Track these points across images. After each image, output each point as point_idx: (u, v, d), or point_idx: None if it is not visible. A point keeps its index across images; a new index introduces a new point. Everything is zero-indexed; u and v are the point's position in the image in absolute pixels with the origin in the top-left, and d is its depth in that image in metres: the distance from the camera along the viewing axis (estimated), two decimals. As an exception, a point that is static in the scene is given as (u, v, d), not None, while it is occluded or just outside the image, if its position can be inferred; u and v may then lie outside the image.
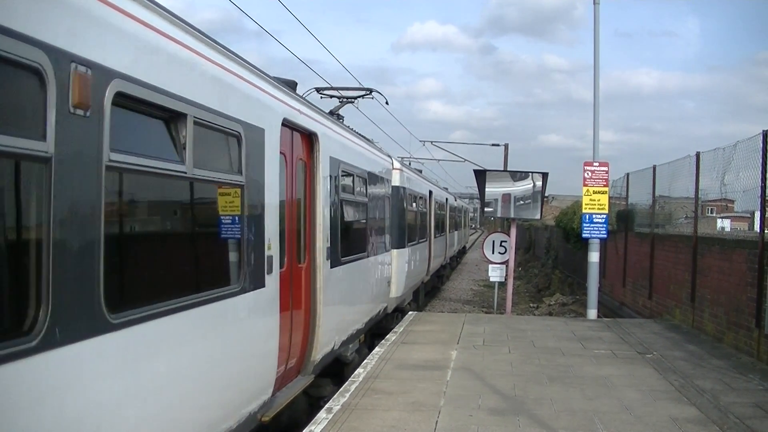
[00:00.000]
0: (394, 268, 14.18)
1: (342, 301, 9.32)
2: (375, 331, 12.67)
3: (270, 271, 6.27)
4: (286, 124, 7.05)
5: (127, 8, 3.99)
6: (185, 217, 5.22)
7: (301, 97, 7.86)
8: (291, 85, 7.84)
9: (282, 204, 6.91)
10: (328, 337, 8.43)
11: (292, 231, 7.38)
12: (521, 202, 15.70)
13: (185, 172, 4.63)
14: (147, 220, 4.70)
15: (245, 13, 11.14)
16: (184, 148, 4.61)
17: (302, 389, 7.59)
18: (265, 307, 6.24)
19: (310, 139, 8.02)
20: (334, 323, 8.81)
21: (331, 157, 8.60)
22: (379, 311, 12.65)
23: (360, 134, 11.28)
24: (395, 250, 14.37)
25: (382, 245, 12.78)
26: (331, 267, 8.54)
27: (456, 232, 34.68)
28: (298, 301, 7.56)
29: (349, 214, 10.08)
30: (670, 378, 8.86)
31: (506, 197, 15.71)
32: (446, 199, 27.57)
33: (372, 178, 11.58)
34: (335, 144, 8.98)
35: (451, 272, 34.19)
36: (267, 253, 6.22)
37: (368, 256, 11.26)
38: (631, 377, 8.92)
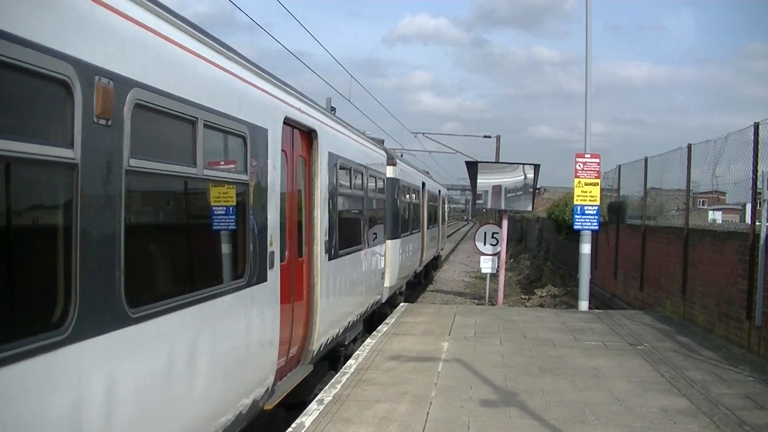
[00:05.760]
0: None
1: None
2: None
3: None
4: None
5: None
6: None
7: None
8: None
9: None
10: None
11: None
12: (513, 194, 15.70)
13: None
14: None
15: (237, 6, 11.05)
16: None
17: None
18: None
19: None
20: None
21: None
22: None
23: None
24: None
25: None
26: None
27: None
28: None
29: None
30: (660, 369, 8.88)
31: (498, 189, 15.71)
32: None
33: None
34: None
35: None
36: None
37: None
38: (622, 368, 8.93)
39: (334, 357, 9.93)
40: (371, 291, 12.28)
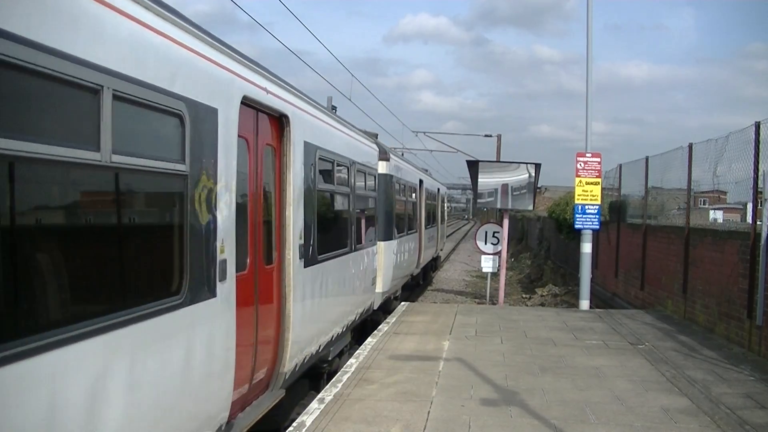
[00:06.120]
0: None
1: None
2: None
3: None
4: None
5: None
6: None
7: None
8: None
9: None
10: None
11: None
12: (514, 193, 15.70)
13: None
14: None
15: (238, 5, 11.05)
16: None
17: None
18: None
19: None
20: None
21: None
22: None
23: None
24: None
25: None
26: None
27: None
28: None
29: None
30: (661, 368, 8.88)
31: (506, 188, 15.71)
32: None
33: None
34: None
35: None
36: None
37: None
38: (623, 368, 8.94)
39: (315, 374, 8.79)
40: (360, 298, 11.07)
